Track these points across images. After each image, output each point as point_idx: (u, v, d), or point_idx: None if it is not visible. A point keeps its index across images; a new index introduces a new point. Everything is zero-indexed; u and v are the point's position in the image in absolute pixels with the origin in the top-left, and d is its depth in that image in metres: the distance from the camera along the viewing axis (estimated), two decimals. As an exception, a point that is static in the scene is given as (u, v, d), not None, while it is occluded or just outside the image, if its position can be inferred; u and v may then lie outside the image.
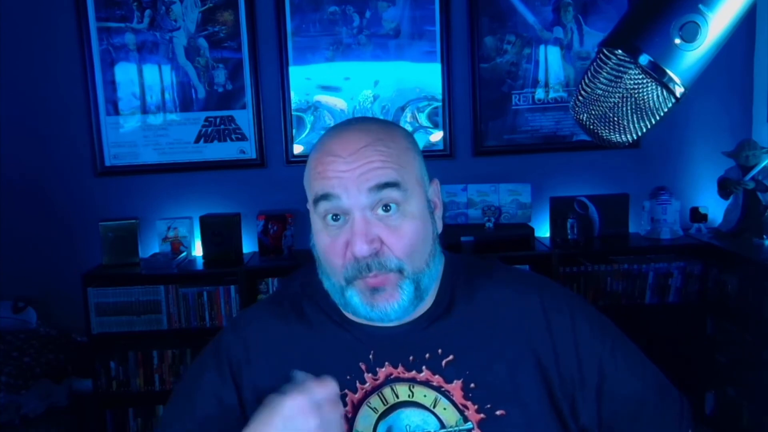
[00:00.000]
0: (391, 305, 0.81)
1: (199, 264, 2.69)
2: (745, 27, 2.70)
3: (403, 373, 0.86)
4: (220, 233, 2.68)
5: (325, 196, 0.80)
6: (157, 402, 2.66)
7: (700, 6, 0.51)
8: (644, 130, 0.56)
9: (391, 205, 0.80)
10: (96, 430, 2.64)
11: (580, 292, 2.61)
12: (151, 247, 2.82)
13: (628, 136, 0.57)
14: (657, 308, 2.63)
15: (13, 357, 2.44)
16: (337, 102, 2.79)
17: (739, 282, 2.44)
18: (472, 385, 0.84)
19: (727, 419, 2.55)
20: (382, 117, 2.78)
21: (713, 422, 2.61)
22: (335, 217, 0.81)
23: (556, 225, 2.77)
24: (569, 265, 2.62)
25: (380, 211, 0.80)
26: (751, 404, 2.41)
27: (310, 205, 0.85)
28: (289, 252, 2.66)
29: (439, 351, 0.85)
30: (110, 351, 2.61)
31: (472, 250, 2.57)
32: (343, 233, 0.80)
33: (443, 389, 0.84)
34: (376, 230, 0.79)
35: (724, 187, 2.63)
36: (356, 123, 0.87)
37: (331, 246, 0.81)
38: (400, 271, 0.80)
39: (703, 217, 2.74)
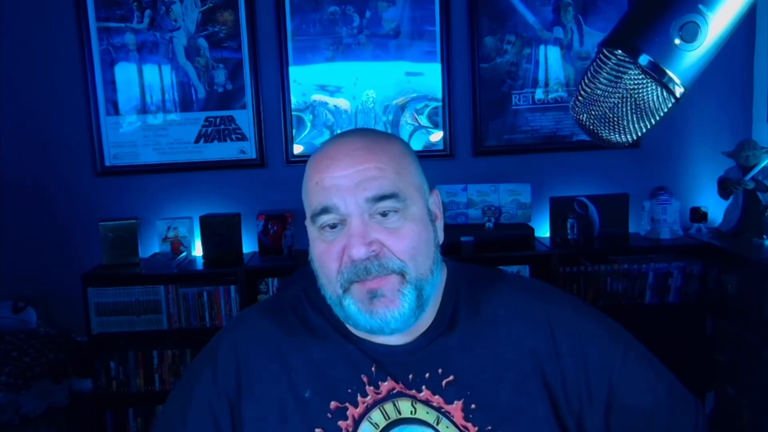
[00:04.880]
0: (391, 312, 0.77)
1: (199, 264, 2.69)
2: (745, 27, 2.70)
3: (405, 390, 0.83)
4: (220, 233, 2.68)
5: (324, 210, 0.79)
6: (157, 402, 2.65)
7: (700, 6, 0.51)
8: (644, 130, 0.56)
9: (388, 212, 0.79)
10: (96, 430, 2.64)
11: (580, 293, 2.61)
12: (151, 247, 2.82)
13: (628, 137, 0.57)
14: (657, 308, 2.62)
15: (13, 357, 2.44)
16: (338, 102, 2.79)
17: (739, 282, 2.44)
18: (473, 406, 0.81)
19: (727, 419, 2.55)
20: (383, 117, 2.78)
21: (713, 422, 2.61)
22: (332, 225, 0.79)
23: (556, 225, 2.77)
24: (569, 265, 2.62)
25: (378, 216, 0.79)
26: (751, 404, 2.41)
27: (308, 220, 0.83)
28: (289, 252, 2.66)
29: (440, 371, 0.83)
30: (110, 351, 2.61)
31: (472, 250, 2.56)
32: (339, 238, 0.79)
33: (443, 410, 0.82)
34: (374, 234, 0.78)
35: (724, 187, 2.63)
36: (352, 131, 0.88)
37: (327, 251, 0.79)
38: (402, 274, 0.78)
39: (703, 217, 2.74)
